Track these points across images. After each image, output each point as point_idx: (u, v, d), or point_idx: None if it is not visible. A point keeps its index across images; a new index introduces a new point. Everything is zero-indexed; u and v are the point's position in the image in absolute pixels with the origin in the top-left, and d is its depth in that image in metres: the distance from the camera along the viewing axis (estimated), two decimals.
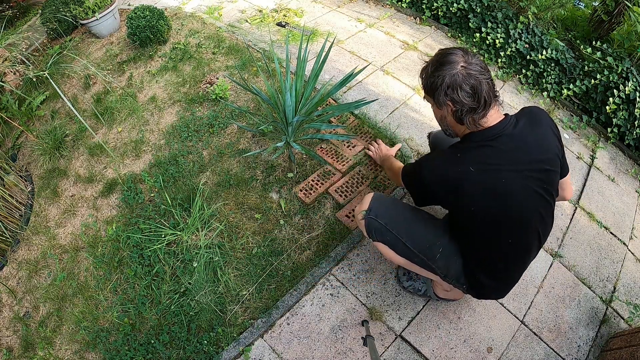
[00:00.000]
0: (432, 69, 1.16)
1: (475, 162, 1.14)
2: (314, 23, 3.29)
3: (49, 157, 2.42)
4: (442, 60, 1.14)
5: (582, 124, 2.69)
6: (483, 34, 2.97)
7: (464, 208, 1.19)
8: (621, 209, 2.25)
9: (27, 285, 1.93)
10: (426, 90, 1.22)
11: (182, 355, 1.59)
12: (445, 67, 1.12)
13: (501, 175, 1.13)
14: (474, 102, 1.11)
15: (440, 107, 1.18)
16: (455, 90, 1.11)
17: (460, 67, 1.11)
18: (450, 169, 1.16)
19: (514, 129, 1.17)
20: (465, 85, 1.10)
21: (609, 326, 1.77)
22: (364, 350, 1.58)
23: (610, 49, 2.64)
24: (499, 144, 1.14)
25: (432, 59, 1.20)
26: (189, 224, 1.88)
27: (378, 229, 1.39)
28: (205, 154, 2.25)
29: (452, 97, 1.12)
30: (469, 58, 1.12)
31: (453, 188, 1.16)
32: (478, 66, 1.11)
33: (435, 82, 1.14)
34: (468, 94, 1.10)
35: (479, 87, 1.10)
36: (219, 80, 2.56)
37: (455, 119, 1.17)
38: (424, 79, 1.21)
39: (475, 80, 1.10)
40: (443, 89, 1.13)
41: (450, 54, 1.14)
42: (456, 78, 1.10)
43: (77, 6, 3.06)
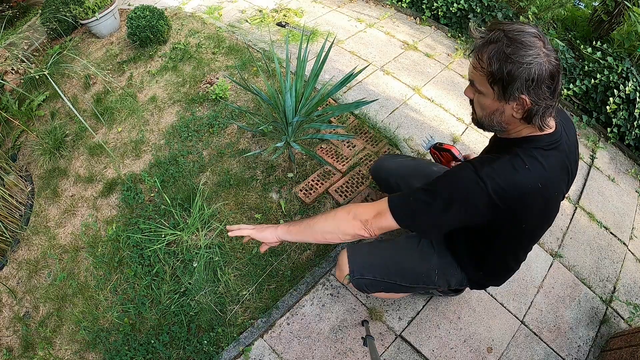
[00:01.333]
0: (509, 50, 0.86)
1: (544, 176, 0.94)
2: (314, 23, 3.29)
3: (49, 157, 2.42)
4: (519, 39, 0.86)
5: (582, 124, 2.69)
6: None
7: (514, 225, 1.01)
8: (621, 209, 2.25)
9: (27, 285, 1.93)
10: (494, 78, 0.90)
11: (182, 355, 1.59)
12: (529, 50, 0.85)
13: (556, 188, 0.99)
14: (553, 100, 0.90)
15: (507, 100, 0.91)
16: (539, 84, 0.87)
17: (543, 53, 0.86)
18: (519, 182, 0.92)
19: (564, 131, 1.00)
20: (548, 78, 0.87)
21: (609, 326, 1.77)
22: (364, 350, 1.58)
23: (610, 49, 2.64)
24: (560, 151, 0.97)
25: (496, 33, 0.89)
26: (189, 224, 1.88)
27: (369, 284, 1.31)
28: (205, 154, 2.25)
29: (534, 92, 0.88)
30: (545, 42, 0.88)
31: (516, 204, 0.94)
32: (555, 52, 0.89)
33: (517, 69, 0.86)
34: (550, 89, 0.88)
35: (559, 80, 0.89)
36: (219, 80, 2.56)
37: (521, 117, 0.93)
38: (493, 62, 0.88)
39: (557, 71, 0.88)
40: (524, 81, 0.86)
41: (527, 32, 0.87)
42: (543, 68, 0.86)
43: (77, 6, 3.06)
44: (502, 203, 0.93)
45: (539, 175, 0.94)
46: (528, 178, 0.93)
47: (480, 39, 0.93)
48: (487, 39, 0.91)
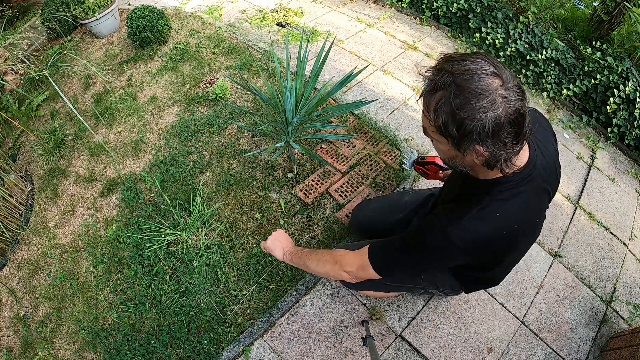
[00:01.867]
0: (457, 102, 0.74)
1: (518, 217, 0.90)
2: (314, 23, 3.29)
3: (49, 157, 2.42)
4: (471, 87, 0.73)
5: (582, 124, 2.69)
6: (483, 34, 2.98)
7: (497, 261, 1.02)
8: (621, 209, 2.25)
9: (27, 285, 1.93)
10: (441, 131, 0.80)
11: (182, 355, 1.59)
12: (481, 100, 0.73)
13: (536, 215, 0.96)
14: (515, 146, 0.78)
15: (462, 151, 0.81)
16: (496, 136, 0.75)
17: (499, 97, 0.73)
18: (493, 234, 0.89)
19: (539, 156, 0.93)
20: (508, 125, 0.75)
21: (609, 326, 1.77)
22: (364, 350, 1.58)
23: (610, 49, 2.64)
24: (533, 182, 0.91)
25: (444, 78, 0.76)
26: (189, 224, 1.88)
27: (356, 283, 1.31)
28: (205, 154, 2.25)
29: (492, 144, 0.77)
30: (505, 77, 0.75)
31: (490, 252, 0.94)
32: (517, 89, 0.76)
33: (468, 126, 0.75)
34: (510, 136, 0.76)
35: (522, 123, 0.76)
36: (219, 80, 2.56)
37: (484, 165, 0.84)
38: (439, 114, 0.77)
39: (519, 114, 0.75)
40: (478, 135, 0.75)
41: (481, 74, 0.74)
42: (499, 118, 0.73)
43: (77, 6, 3.06)
44: (476, 256, 0.94)
45: (512, 218, 0.90)
46: (501, 227, 0.89)
47: (428, 82, 0.80)
48: (435, 83, 0.78)
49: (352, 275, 1.09)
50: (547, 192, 0.99)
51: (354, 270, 1.07)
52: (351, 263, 1.08)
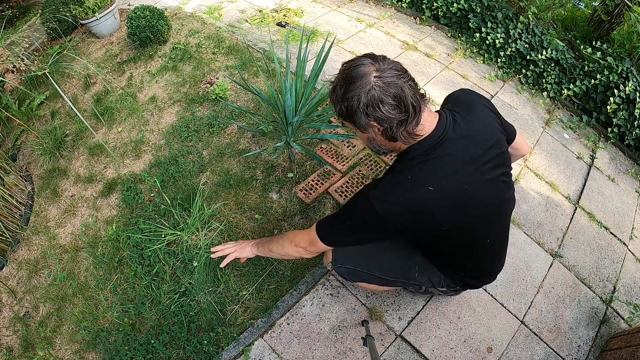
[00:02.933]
0: (341, 91, 0.95)
1: (430, 179, 0.99)
2: (314, 23, 3.29)
3: (49, 157, 2.42)
4: (350, 75, 0.93)
5: (582, 124, 2.69)
6: (483, 34, 2.98)
7: (434, 231, 1.06)
8: (621, 209, 2.25)
9: (27, 285, 1.93)
10: (343, 117, 0.99)
11: (182, 355, 1.59)
12: (356, 82, 0.92)
13: (461, 182, 1.01)
14: (402, 114, 0.93)
15: (365, 130, 0.98)
16: (376, 107, 0.91)
17: (373, 78, 0.91)
18: (407, 195, 0.98)
19: (455, 126, 1.03)
20: (386, 97, 0.91)
21: (609, 326, 1.77)
22: (364, 350, 1.58)
23: (610, 49, 2.65)
24: (446, 149, 1.00)
25: (337, 77, 0.98)
26: (189, 224, 1.88)
27: (350, 273, 1.37)
28: (205, 154, 2.25)
29: (376, 116, 0.93)
30: (380, 64, 0.93)
31: (417, 215, 1.00)
32: (393, 70, 0.93)
33: (350, 105, 0.93)
34: (392, 106, 0.91)
35: (402, 94, 0.91)
36: (219, 80, 2.56)
37: (386, 137, 0.99)
38: (335, 105, 0.98)
39: (396, 87, 0.91)
40: (362, 111, 0.93)
41: (357, 65, 0.93)
42: (373, 93, 0.90)
43: (77, 6, 3.06)
44: (399, 221, 1.00)
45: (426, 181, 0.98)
46: (414, 188, 0.98)
47: (329, 85, 1.01)
48: (332, 85, 0.99)
49: (307, 250, 1.21)
50: (475, 160, 1.03)
51: (307, 245, 1.20)
52: (303, 239, 1.20)
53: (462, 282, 1.34)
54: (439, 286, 1.37)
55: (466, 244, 1.15)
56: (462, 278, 1.31)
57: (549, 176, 2.31)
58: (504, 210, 1.16)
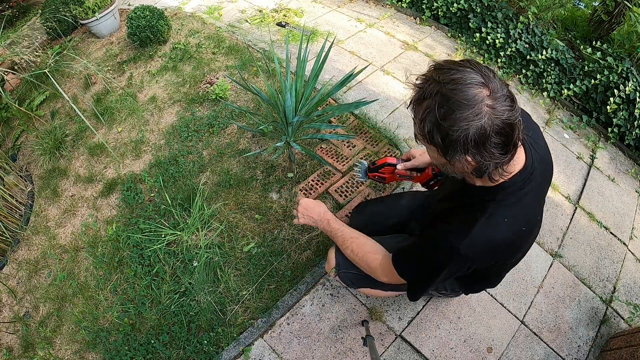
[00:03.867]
0: (442, 112, 0.74)
1: (524, 218, 0.91)
2: (314, 23, 3.29)
3: (49, 157, 2.42)
4: (456, 97, 0.73)
5: (582, 124, 2.69)
6: (483, 34, 2.98)
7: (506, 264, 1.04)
8: (621, 209, 2.25)
9: (27, 285, 1.93)
10: (429, 140, 0.81)
11: (182, 355, 1.59)
12: (465, 110, 0.72)
13: (539, 211, 0.98)
14: (504, 156, 0.78)
15: (450, 159, 0.82)
16: (481, 146, 0.75)
17: (486, 107, 0.73)
18: (500, 238, 0.90)
19: (537, 152, 0.94)
20: (494, 136, 0.74)
21: (609, 326, 1.77)
22: (364, 350, 1.58)
23: (610, 49, 2.64)
24: (533, 182, 0.91)
25: (431, 87, 0.76)
26: (189, 224, 1.88)
27: (354, 278, 1.34)
28: (205, 154, 2.25)
29: (478, 154, 0.76)
30: (492, 85, 0.74)
31: (504, 254, 0.95)
32: (507, 99, 0.75)
33: (452, 136, 0.75)
34: (497, 146, 0.75)
35: (512, 134, 0.75)
36: (219, 80, 2.56)
37: (474, 174, 0.86)
38: (424, 124, 0.79)
39: (507, 124, 0.74)
40: (462, 145, 0.75)
41: (467, 84, 0.73)
42: (484, 129, 0.73)
43: (77, 6, 3.06)
44: (485, 262, 0.95)
45: (519, 222, 0.91)
46: (509, 233, 0.90)
47: (417, 90, 0.80)
48: (422, 92, 0.78)
49: (390, 283, 1.15)
50: (544, 189, 1.01)
51: (388, 280, 1.13)
52: (383, 276, 1.14)
53: (468, 288, 1.34)
54: (442, 290, 1.37)
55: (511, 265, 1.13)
56: (472, 285, 1.31)
57: None
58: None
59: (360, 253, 1.19)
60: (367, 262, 1.17)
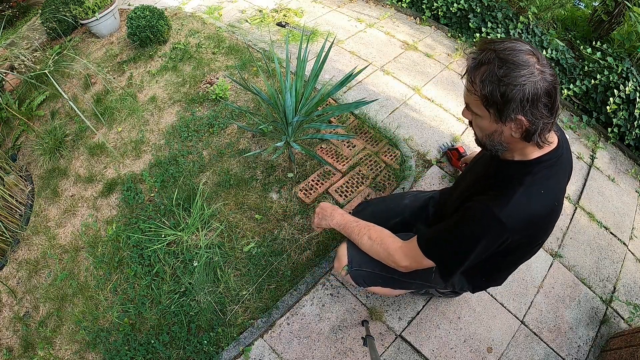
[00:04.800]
0: (501, 72, 0.85)
1: (557, 195, 0.97)
2: (314, 23, 3.29)
3: (49, 157, 2.42)
4: (512, 59, 0.85)
5: (582, 124, 2.69)
6: (483, 34, 2.97)
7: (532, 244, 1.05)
8: (621, 209, 2.25)
9: (27, 285, 1.93)
10: (489, 100, 0.88)
11: (182, 355, 1.59)
12: (521, 70, 0.84)
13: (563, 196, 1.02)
14: (551, 117, 0.88)
15: (504, 121, 0.90)
16: (535, 104, 0.85)
17: (537, 70, 0.84)
18: (538, 208, 0.94)
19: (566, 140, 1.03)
20: (544, 96, 0.85)
21: (609, 326, 1.77)
22: (364, 350, 1.58)
23: (610, 49, 2.64)
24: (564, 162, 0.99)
25: (487, 54, 0.87)
26: (189, 224, 1.88)
27: (367, 276, 1.32)
28: (205, 154, 2.25)
29: (531, 112, 0.86)
30: (539, 56, 0.87)
31: (538, 229, 0.99)
32: (549, 67, 0.87)
33: (511, 92, 0.84)
34: (547, 107, 0.86)
35: (556, 96, 0.87)
36: (219, 80, 2.56)
37: (523, 137, 0.92)
38: (485, 84, 0.87)
39: (553, 87, 0.86)
40: (519, 102, 0.85)
41: (518, 51, 0.85)
42: (537, 88, 0.84)
43: (77, 6, 3.06)
44: (520, 235, 0.96)
45: (553, 196, 0.96)
46: (545, 205, 0.95)
47: (472, 61, 0.90)
48: (479, 60, 0.89)
49: (408, 269, 1.15)
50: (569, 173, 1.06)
51: (409, 264, 1.13)
52: (404, 259, 1.14)
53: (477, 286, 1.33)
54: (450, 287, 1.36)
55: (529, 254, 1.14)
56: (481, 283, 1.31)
57: None
58: None
59: (379, 238, 1.20)
60: (386, 245, 1.18)
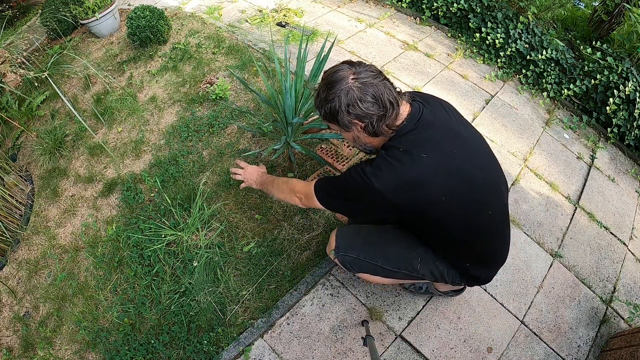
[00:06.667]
0: (324, 94, 1.06)
1: (421, 148, 1.06)
2: (314, 23, 3.29)
3: (49, 157, 2.42)
4: (330, 80, 1.05)
5: (582, 124, 2.69)
6: (483, 34, 2.98)
7: (434, 202, 1.08)
8: (621, 209, 2.25)
9: (27, 285, 1.93)
10: (327, 119, 1.11)
11: (182, 355, 1.59)
12: (336, 85, 1.04)
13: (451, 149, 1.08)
14: (380, 109, 1.04)
15: (349, 129, 1.10)
16: (356, 106, 1.03)
17: (351, 80, 1.03)
18: (403, 167, 1.05)
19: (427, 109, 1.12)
20: (364, 95, 1.02)
21: (609, 326, 1.77)
22: (364, 350, 1.58)
23: (610, 49, 2.65)
24: (427, 123, 1.09)
25: (319, 84, 1.11)
26: (189, 224, 1.88)
27: (352, 262, 1.38)
28: (205, 154, 2.25)
29: (357, 114, 1.04)
30: (356, 68, 1.05)
31: (415, 185, 1.06)
32: (368, 72, 1.04)
33: (333, 105, 1.05)
34: (371, 103, 1.03)
35: (379, 92, 1.03)
36: (219, 80, 2.56)
37: (368, 133, 1.10)
38: (320, 108, 1.10)
39: (372, 86, 1.03)
40: (344, 110, 1.04)
41: (336, 71, 1.06)
42: (352, 93, 1.02)
43: (77, 6, 3.06)
44: (398, 195, 1.06)
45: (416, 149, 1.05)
46: (408, 159, 1.05)
47: (314, 91, 1.12)
48: (316, 91, 1.11)
49: (302, 202, 1.32)
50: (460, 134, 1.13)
51: (303, 196, 1.31)
52: (301, 190, 1.32)
53: (467, 275, 1.31)
54: (440, 280, 1.35)
55: (469, 219, 1.14)
56: (468, 269, 1.28)
57: (549, 176, 2.31)
58: (501, 182, 1.20)
59: (286, 181, 1.43)
60: (292, 185, 1.38)
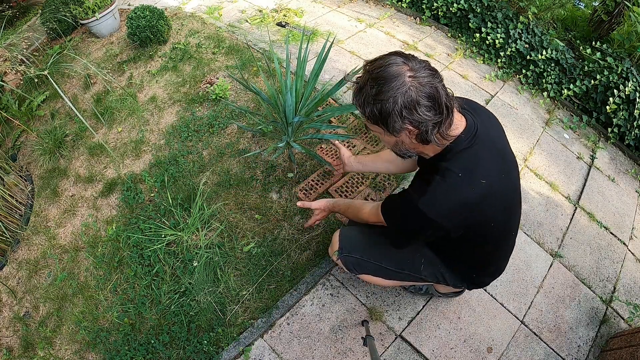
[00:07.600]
0: (373, 91, 0.89)
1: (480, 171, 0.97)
2: (314, 23, 3.29)
3: (49, 157, 2.42)
4: (381, 75, 0.88)
5: (582, 124, 2.69)
6: (483, 34, 2.98)
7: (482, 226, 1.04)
8: (621, 209, 2.25)
9: (27, 285, 1.93)
10: (373, 120, 0.94)
11: (182, 355, 1.59)
12: (390, 83, 0.87)
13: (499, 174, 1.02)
14: (437, 115, 0.90)
15: (397, 133, 0.94)
16: (413, 110, 0.88)
17: (408, 78, 0.87)
18: (462, 194, 0.96)
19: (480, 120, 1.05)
20: (422, 98, 0.88)
21: (609, 326, 1.77)
22: (364, 350, 1.58)
23: (610, 49, 2.65)
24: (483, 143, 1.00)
25: (363, 77, 0.94)
26: (189, 224, 1.88)
27: (356, 263, 1.36)
28: (205, 154, 2.25)
29: (412, 119, 0.89)
30: (412, 64, 0.90)
31: (473, 212, 0.99)
32: (426, 70, 0.90)
33: (386, 107, 0.89)
34: (428, 108, 0.89)
35: (437, 95, 0.89)
36: (219, 80, 2.56)
37: (419, 141, 0.95)
38: (365, 106, 0.93)
39: (431, 88, 0.88)
40: (397, 113, 0.88)
41: (389, 65, 0.89)
42: (410, 94, 0.87)
43: (77, 6, 3.06)
44: (452, 221, 0.99)
45: (476, 173, 0.97)
46: (467, 185, 0.96)
47: (355, 86, 0.97)
48: (358, 85, 0.95)
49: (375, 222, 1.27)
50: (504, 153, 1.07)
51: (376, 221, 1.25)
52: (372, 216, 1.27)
53: (470, 281, 1.33)
54: (442, 282, 1.36)
55: (498, 241, 1.15)
56: (472, 277, 1.30)
57: (549, 176, 2.31)
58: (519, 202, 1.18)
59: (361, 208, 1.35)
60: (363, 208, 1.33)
